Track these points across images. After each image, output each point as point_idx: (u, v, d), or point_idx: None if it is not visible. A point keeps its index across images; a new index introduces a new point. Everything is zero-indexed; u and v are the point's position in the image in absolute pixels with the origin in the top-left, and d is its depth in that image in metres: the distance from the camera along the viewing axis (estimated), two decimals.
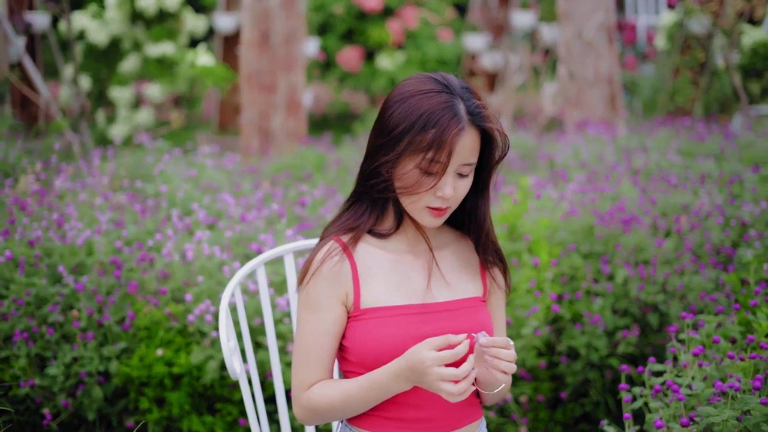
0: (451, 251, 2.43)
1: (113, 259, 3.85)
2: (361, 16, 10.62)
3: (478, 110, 2.25)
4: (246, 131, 7.73)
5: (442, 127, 2.20)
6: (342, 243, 2.34)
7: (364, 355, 2.29)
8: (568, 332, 3.98)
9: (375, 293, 2.31)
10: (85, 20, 9.41)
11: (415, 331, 2.28)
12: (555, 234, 4.26)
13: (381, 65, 10.45)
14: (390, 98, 2.29)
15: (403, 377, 2.19)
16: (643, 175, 5.31)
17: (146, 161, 5.28)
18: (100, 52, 9.46)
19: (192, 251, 3.78)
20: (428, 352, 2.13)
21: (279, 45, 7.60)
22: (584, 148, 5.91)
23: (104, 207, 4.43)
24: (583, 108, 7.76)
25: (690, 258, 4.16)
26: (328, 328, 2.31)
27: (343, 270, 2.31)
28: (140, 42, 9.38)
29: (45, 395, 3.68)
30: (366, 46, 10.61)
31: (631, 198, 4.67)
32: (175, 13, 9.41)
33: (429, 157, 2.21)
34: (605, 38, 7.81)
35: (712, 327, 3.19)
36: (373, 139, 2.31)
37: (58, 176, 5.12)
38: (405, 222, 2.39)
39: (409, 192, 2.25)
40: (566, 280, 4.10)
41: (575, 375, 3.99)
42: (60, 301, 3.75)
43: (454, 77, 2.31)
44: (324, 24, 10.71)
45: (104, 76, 9.49)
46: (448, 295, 2.36)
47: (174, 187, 4.78)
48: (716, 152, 5.91)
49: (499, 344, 2.18)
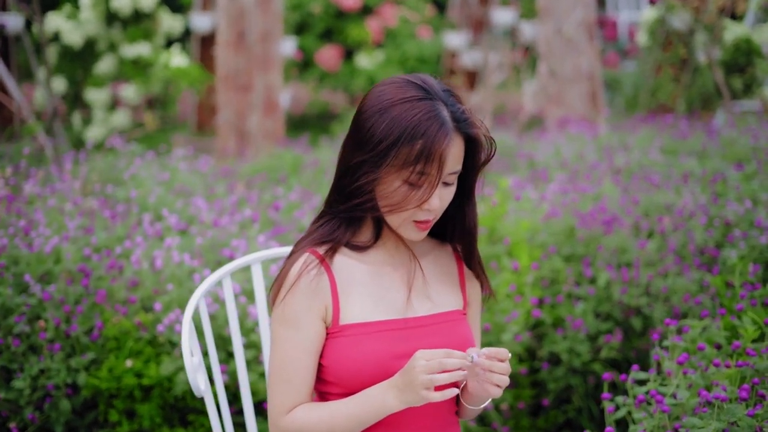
0: (431, 261, 2.32)
1: (81, 267, 3.74)
2: (340, 14, 10.52)
3: (464, 116, 2.13)
4: (222, 132, 7.62)
5: (430, 139, 2.07)
6: (318, 255, 2.21)
7: (342, 373, 2.16)
8: (549, 337, 3.89)
9: (354, 308, 2.19)
10: (60, 21, 9.27)
11: (395, 348, 2.16)
12: (535, 236, 4.16)
13: (360, 64, 10.34)
14: (367, 107, 2.15)
15: (394, 386, 2.06)
16: (625, 174, 5.22)
17: (119, 165, 5.16)
18: (76, 53, 9.32)
19: (161, 258, 3.66)
20: (421, 360, 2.01)
21: (255, 44, 7.48)
22: (565, 147, 5.82)
23: (74, 213, 4.31)
24: (564, 106, 7.68)
25: (673, 259, 4.07)
26: (308, 346, 2.17)
27: (321, 284, 2.18)
28: (116, 43, 9.25)
29: (11, 408, 3.57)
30: (345, 45, 10.51)
31: (612, 198, 4.57)
32: (150, 13, 9.28)
33: (418, 170, 2.09)
34: (585, 35, 7.74)
35: (696, 332, 3.11)
36: (351, 153, 2.16)
37: (28, 181, 5.00)
38: (385, 233, 2.26)
39: (397, 210, 2.13)
40: (547, 283, 4.01)
41: (557, 381, 3.89)
42: (27, 312, 3.63)
43: (433, 79, 2.17)
44: (302, 23, 10.60)
45: (80, 78, 9.35)
46: (429, 309, 2.25)
47: (146, 191, 4.67)
48: (699, 150, 5.82)
49: (500, 355, 2.07)
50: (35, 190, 4.68)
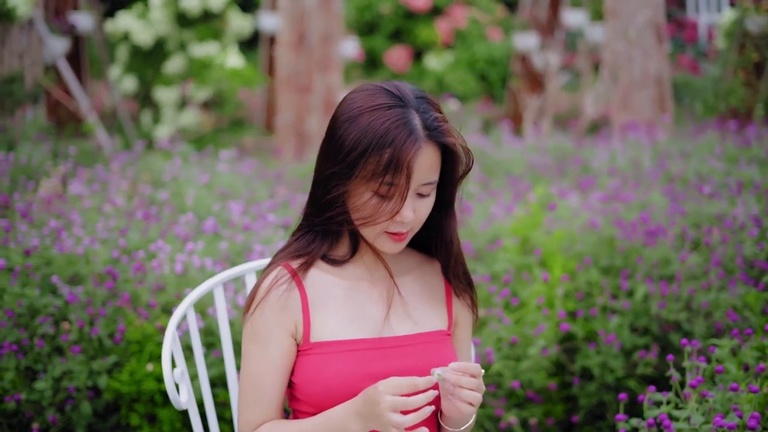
0: (415, 278, 2.20)
1: (109, 269, 3.73)
2: (409, 15, 10.43)
3: (435, 124, 2.02)
4: (281, 133, 7.61)
5: (398, 147, 1.97)
6: (291, 269, 2.12)
7: (311, 393, 2.07)
8: (582, 352, 3.76)
9: (327, 325, 2.09)
10: (130, 20, 9.36)
11: (368, 369, 2.05)
12: (572, 246, 4.02)
13: (429, 65, 10.25)
14: (338, 115, 2.06)
15: (356, 412, 1.96)
16: (680, 183, 5.03)
17: (162, 166, 5.15)
18: (146, 52, 9.40)
19: (182, 263, 3.63)
20: (388, 396, 1.89)
21: (316, 46, 7.45)
22: (621, 154, 5.65)
23: (109, 214, 4.30)
24: (631, 110, 7.47)
25: (717, 273, 3.88)
26: (276, 362, 2.09)
27: (291, 299, 2.09)
28: (185, 42, 9.31)
29: (35, 409, 3.57)
30: (414, 46, 10.42)
31: (659, 207, 4.39)
32: (219, 13, 9.31)
33: (387, 181, 1.98)
34: (654, 37, 7.52)
35: (725, 352, 2.97)
36: (323, 164, 2.08)
37: (73, 180, 5.02)
38: (362, 247, 2.16)
39: (369, 223, 2.03)
40: (582, 295, 3.87)
41: (589, 397, 3.75)
42: (55, 313, 3.64)
43: (409, 86, 2.07)
44: (371, 24, 10.54)
45: (149, 77, 9.43)
46: (408, 328, 2.13)
47: (186, 193, 4.65)
48: (761, 158, 5.58)
49: (470, 370, 1.96)
50: (78, 190, 4.69)
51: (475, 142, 6.34)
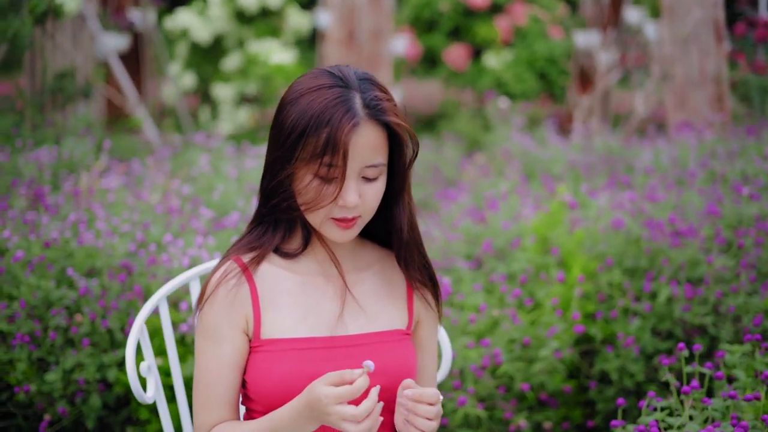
0: (374, 273, 2.11)
1: (125, 262, 3.72)
2: (468, 13, 10.31)
3: (374, 102, 1.94)
4: None
5: (335, 126, 1.90)
6: (241, 263, 2.05)
7: (261, 392, 2.01)
8: (601, 355, 3.64)
9: (277, 322, 2.02)
10: (189, 17, 9.43)
11: (317, 368, 1.98)
12: (594, 246, 3.90)
13: (488, 64, 10.12)
14: (282, 99, 2.00)
15: (304, 416, 1.89)
16: (721, 183, 4.86)
17: (201, 160, 5.13)
18: (204, 49, 9.46)
19: (190, 257, 3.61)
20: (324, 388, 1.84)
21: (365, 42, 7.41)
22: (664, 154, 5.49)
23: (134, 208, 4.30)
24: (687, 110, 7.28)
25: (748, 276, 3.73)
26: (229, 360, 2.03)
27: (240, 294, 2.03)
28: (243, 40, 9.34)
29: (47, 401, 3.58)
30: (473, 44, 10.30)
31: (693, 208, 4.24)
32: (277, 10, 9.33)
33: (325, 162, 1.92)
34: (712, 34, 7.32)
35: (736, 358, 2.86)
36: (270, 150, 2.02)
37: (108, 175, 5.05)
38: (314, 240, 2.08)
39: (313, 207, 1.96)
40: (603, 297, 3.75)
41: (607, 402, 3.64)
42: (70, 305, 3.64)
43: (354, 68, 1.99)
44: (430, 21, 10.45)
45: (208, 74, 9.48)
46: (363, 327, 2.05)
47: (214, 187, 4.63)
48: None
49: (426, 399, 1.90)
50: (112, 185, 4.70)
51: (517, 140, 6.24)
